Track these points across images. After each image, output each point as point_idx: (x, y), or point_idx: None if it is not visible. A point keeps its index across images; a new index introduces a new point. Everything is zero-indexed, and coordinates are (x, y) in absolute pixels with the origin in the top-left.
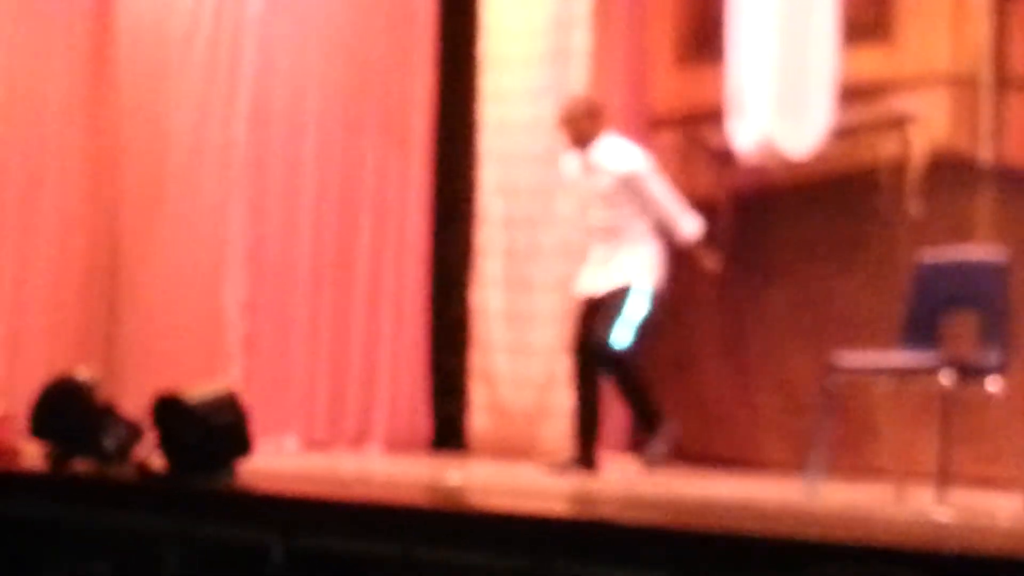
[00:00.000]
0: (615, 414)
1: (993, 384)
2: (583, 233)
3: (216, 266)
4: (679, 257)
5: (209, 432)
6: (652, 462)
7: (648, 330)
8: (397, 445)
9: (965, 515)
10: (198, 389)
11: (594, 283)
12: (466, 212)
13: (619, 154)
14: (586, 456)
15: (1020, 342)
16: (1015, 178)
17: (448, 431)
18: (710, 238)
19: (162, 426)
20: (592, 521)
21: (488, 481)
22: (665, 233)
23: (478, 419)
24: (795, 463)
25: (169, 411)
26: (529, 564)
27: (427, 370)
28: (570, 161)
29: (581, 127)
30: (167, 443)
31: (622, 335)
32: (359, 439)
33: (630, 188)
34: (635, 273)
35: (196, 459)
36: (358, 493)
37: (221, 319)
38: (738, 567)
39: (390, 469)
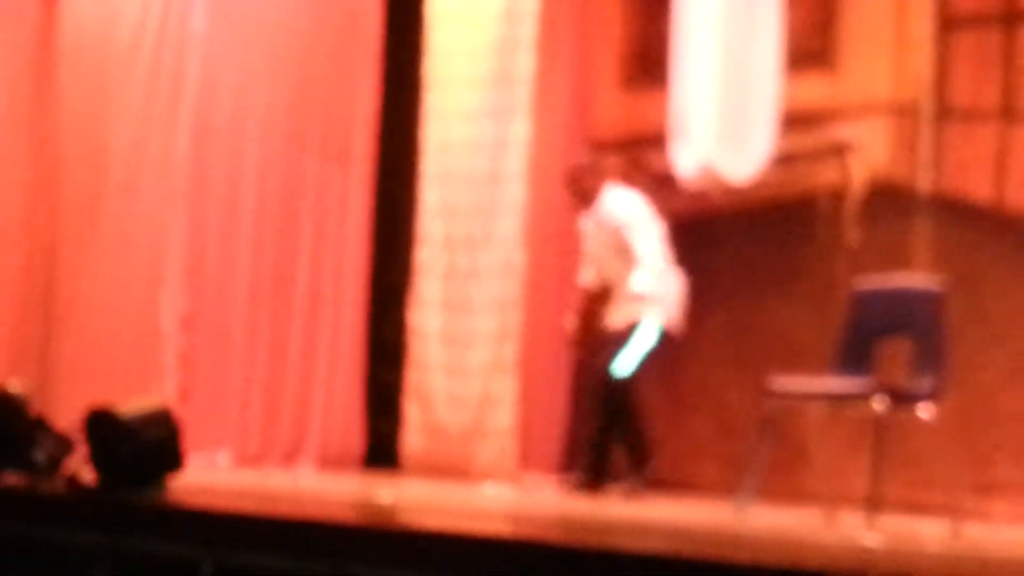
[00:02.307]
0: (546, 435)
1: (925, 411)
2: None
3: (154, 280)
4: None
5: (141, 446)
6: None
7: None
8: (330, 462)
9: (894, 540)
10: (132, 403)
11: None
12: (406, 231)
13: (619, 202)
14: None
15: (953, 370)
16: (953, 208)
17: (382, 449)
18: None
19: (94, 440)
20: (524, 542)
21: (420, 500)
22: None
23: (412, 438)
24: (729, 486)
25: (102, 425)
26: None
27: (362, 388)
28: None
29: (586, 186)
30: (99, 457)
31: (626, 365)
32: (292, 455)
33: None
34: (641, 310)
35: (127, 473)
36: (289, 510)
37: (157, 333)
38: None
39: (322, 486)
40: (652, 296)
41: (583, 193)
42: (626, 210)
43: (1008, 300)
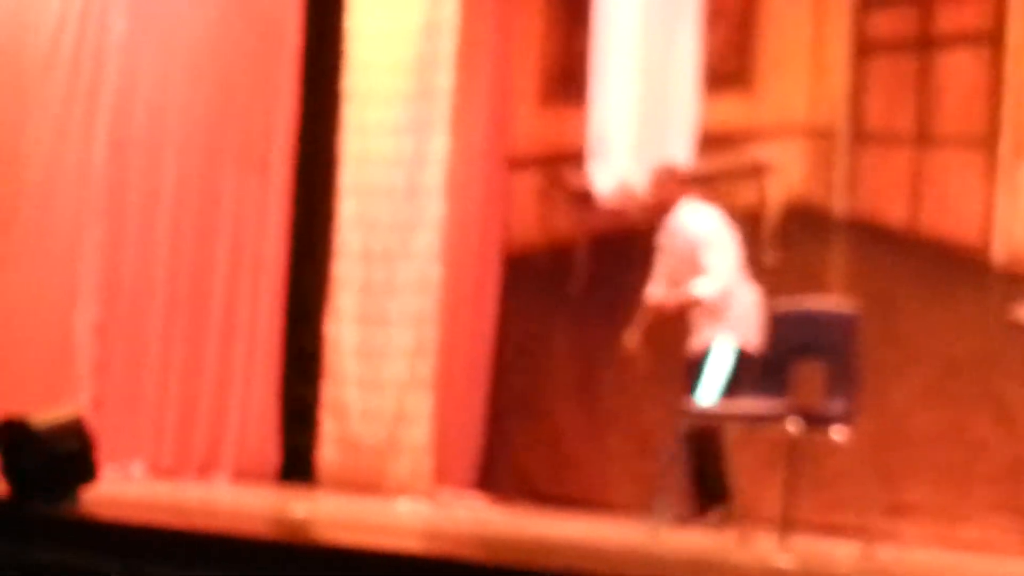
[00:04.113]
0: (461, 450)
1: (838, 433)
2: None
3: (69, 289)
4: (535, 297)
5: (53, 457)
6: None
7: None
8: (245, 475)
9: (806, 562)
10: (45, 413)
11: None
12: (324, 244)
13: (694, 217)
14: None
15: (866, 392)
16: (868, 230)
17: (297, 463)
18: (566, 277)
19: (5, 450)
20: (437, 558)
21: (334, 515)
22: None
23: (327, 452)
24: (645, 506)
25: (13, 435)
26: None
27: (278, 401)
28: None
29: (668, 190)
30: (10, 468)
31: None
32: (207, 467)
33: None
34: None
35: (39, 484)
36: (202, 523)
37: (72, 343)
38: None
39: (236, 499)
40: (722, 312)
41: (658, 205)
42: (701, 225)
43: (922, 323)
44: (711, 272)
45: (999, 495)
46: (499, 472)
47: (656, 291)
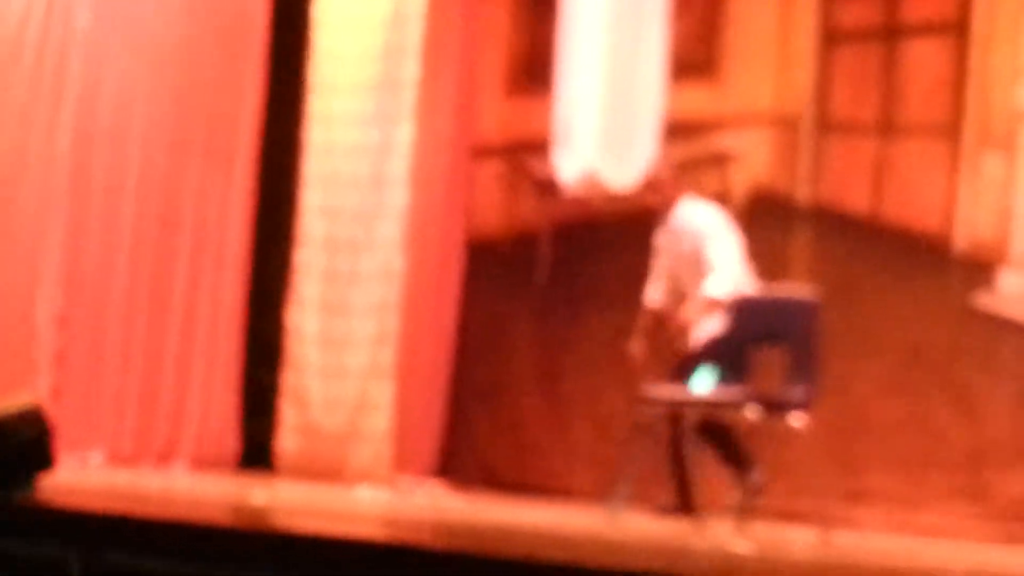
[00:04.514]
0: (422, 439)
1: (797, 420)
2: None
3: (30, 278)
4: (499, 285)
5: (11, 446)
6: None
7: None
8: (204, 463)
9: (764, 548)
10: (3, 401)
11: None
12: (287, 233)
13: (696, 213)
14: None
15: (827, 379)
16: (831, 219)
17: (257, 450)
18: (530, 266)
19: None
20: (397, 545)
21: (294, 502)
22: None
23: (288, 440)
24: (606, 493)
25: None
26: None
27: (239, 389)
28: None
29: (664, 196)
30: None
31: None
32: (166, 455)
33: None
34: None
35: None
36: (161, 511)
37: (32, 331)
38: None
39: (195, 487)
40: (724, 305)
41: (660, 204)
42: (704, 221)
43: (883, 310)
44: (719, 268)
45: (957, 482)
46: (460, 460)
47: (655, 295)
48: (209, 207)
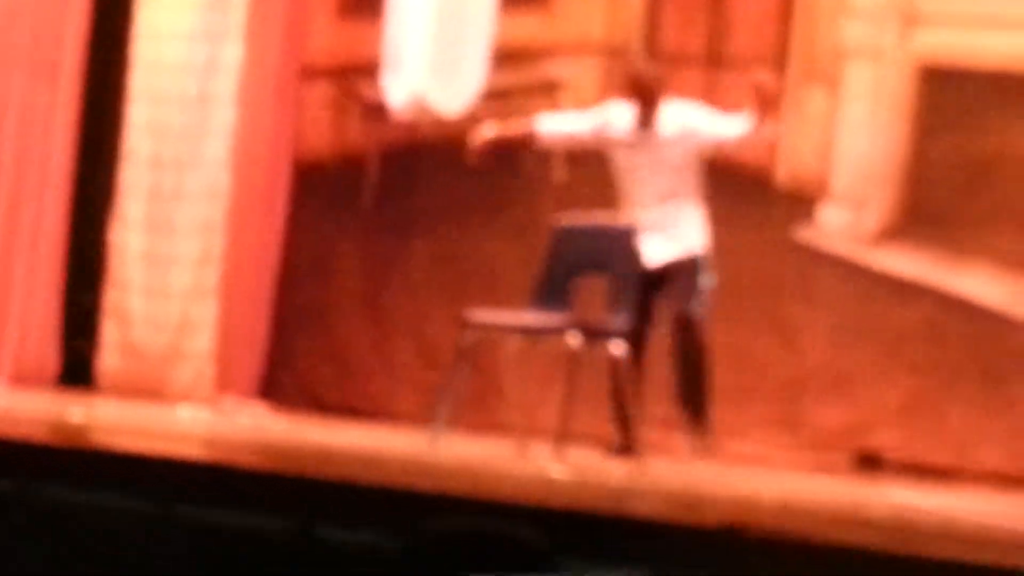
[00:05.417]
0: (245, 359)
1: (617, 348)
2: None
3: None
4: (325, 208)
5: None
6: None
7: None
8: (24, 380)
9: (580, 473)
10: None
11: (662, 251)
12: (112, 150)
13: (685, 112)
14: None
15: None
16: None
17: (77, 368)
18: (357, 190)
19: None
20: (215, 465)
21: (114, 421)
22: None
23: (109, 358)
24: (428, 417)
25: None
26: (152, 506)
27: (60, 306)
28: (620, 118)
29: (650, 87)
30: None
31: (702, 303)
32: None
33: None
34: (699, 239)
35: None
36: None
37: None
38: (356, 515)
39: (13, 404)
40: (666, 224)
41: (647, 93)
42: (695, 113)
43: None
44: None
45: (775, 412)
46: (283, 381)
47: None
48: (33, 122)
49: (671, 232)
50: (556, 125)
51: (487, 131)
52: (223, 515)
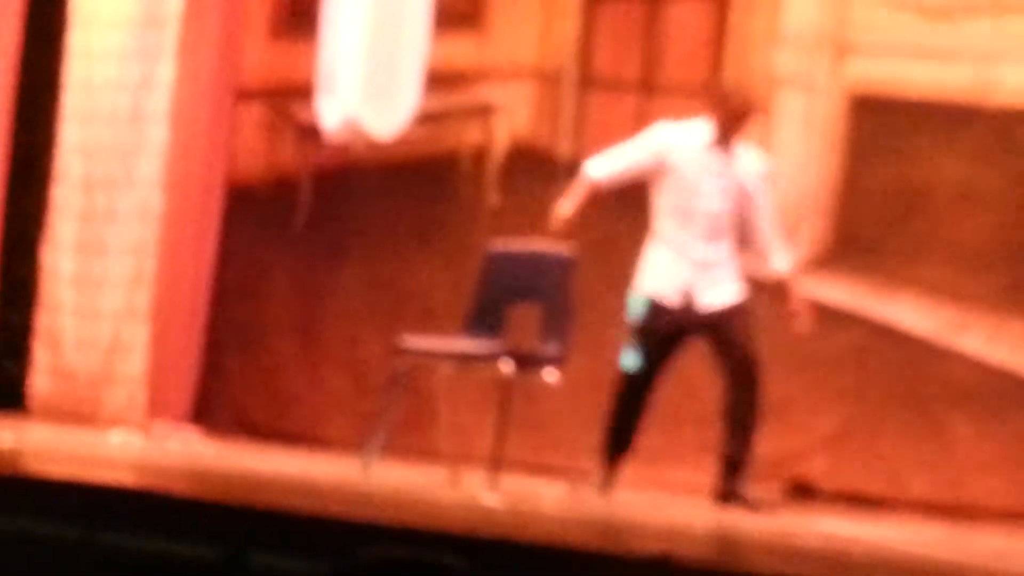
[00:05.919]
0: (177, 383)
1: (550, 375)
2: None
3: None
4: (258, 230)
5: None
6: (756, 505)
7: None
8: None
9: (513, 501)
10: None
11: (717, 294)
12: (43, 170)
13: (756, 153)
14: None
15: (583, 336)
16: None
17: (7, 392)
18: (290, 212)
19: None
20: (145, 492)
21: (44, 445)
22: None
23: (40, 381)
24: (361, 443)
25: None
26: (78, 533)
27: None
28: (685, 135)
29: (738, 107)
30: None
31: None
32: None
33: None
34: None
35: None
36: None
37: None
38: (287, 543)
39: None
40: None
41: (738, 119)
42: (759, 179)
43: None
44: (780, 241)
45: (710, 438)
46: (215, 406)
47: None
48: None
49: (721, 274)
50: (612, 166)
51: (562, 211)
52: (152, 543)
